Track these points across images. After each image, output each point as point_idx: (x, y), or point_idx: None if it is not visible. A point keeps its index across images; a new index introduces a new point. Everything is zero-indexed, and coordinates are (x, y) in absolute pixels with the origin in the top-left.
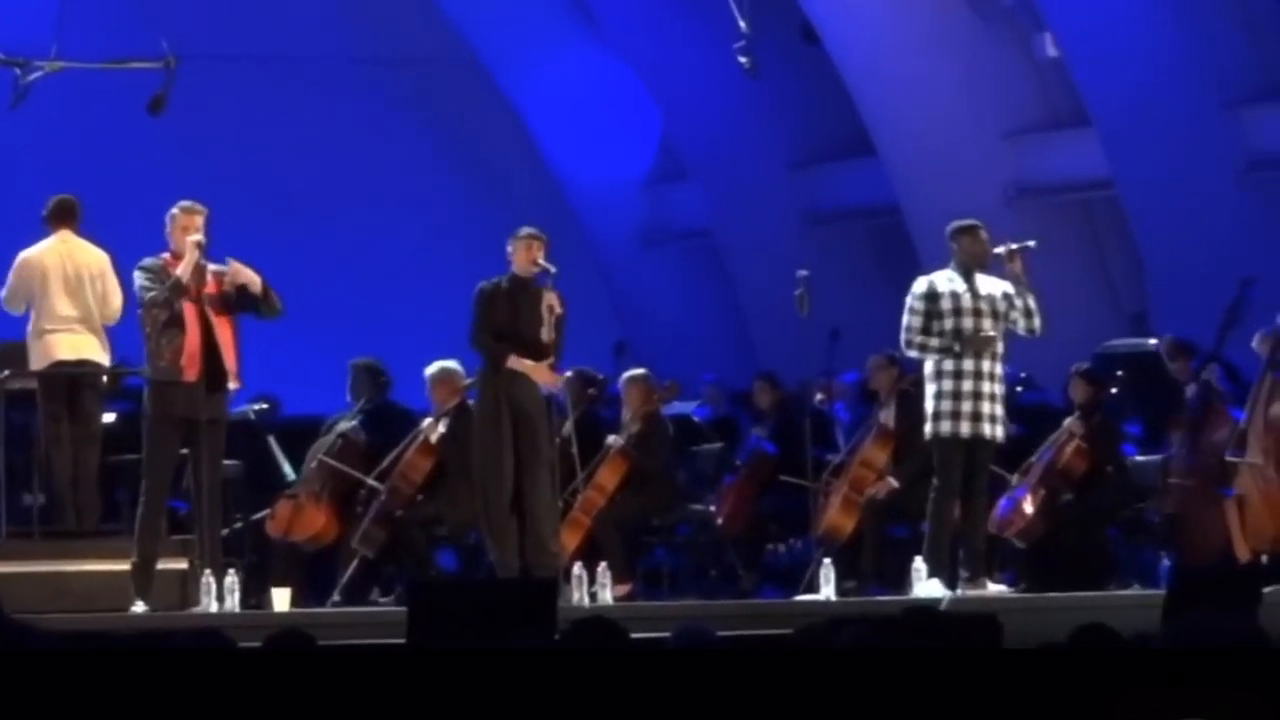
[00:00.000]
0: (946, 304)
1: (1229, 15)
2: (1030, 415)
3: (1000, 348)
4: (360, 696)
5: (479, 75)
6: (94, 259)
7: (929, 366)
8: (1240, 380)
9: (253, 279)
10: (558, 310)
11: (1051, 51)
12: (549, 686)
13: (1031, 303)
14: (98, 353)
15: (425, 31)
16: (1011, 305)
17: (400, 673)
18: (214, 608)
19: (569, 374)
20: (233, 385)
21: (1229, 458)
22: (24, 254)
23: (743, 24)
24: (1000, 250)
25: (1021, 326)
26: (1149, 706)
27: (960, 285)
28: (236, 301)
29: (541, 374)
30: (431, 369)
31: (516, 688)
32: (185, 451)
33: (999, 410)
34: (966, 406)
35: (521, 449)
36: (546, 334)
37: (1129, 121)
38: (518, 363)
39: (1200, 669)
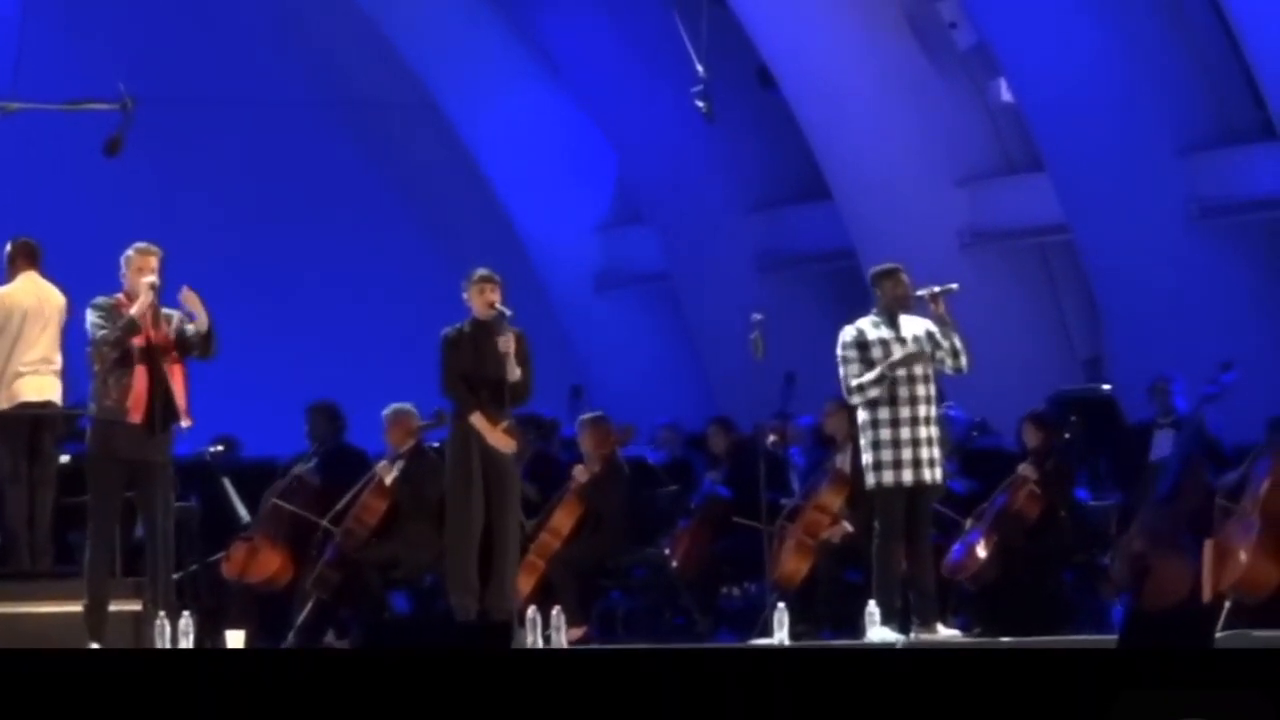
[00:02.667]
0: (877, 352)
1: (1183, 61)
2: (984, 460)
3: (931, 389)
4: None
5: (434, 118)
6: (61, 301)
7: (863, 416)
8: (1218, 449)
9: (201, 312)
10: (511, 349)
11: (1006, 97)
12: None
13: (958, 342)
14: (58, 394)
15: (382, 75)
16: (937, 345)
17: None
18: None
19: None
20: (184, 423)
21: (1220, 502)
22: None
23: (699, 68)
24: (923, 293)
25: (949, 366)
26: (1148, 707)
27: (886, 331)
28: (179, 343)
29: (498, 438)
30: (387, 411)
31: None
32: (130, 495)
33: (936, 453)
34: (906, 454)
35: (491, 495)
36: (512, 375)
37: (1083, 167)
38: (479, 421)
39: (1198, 669)
